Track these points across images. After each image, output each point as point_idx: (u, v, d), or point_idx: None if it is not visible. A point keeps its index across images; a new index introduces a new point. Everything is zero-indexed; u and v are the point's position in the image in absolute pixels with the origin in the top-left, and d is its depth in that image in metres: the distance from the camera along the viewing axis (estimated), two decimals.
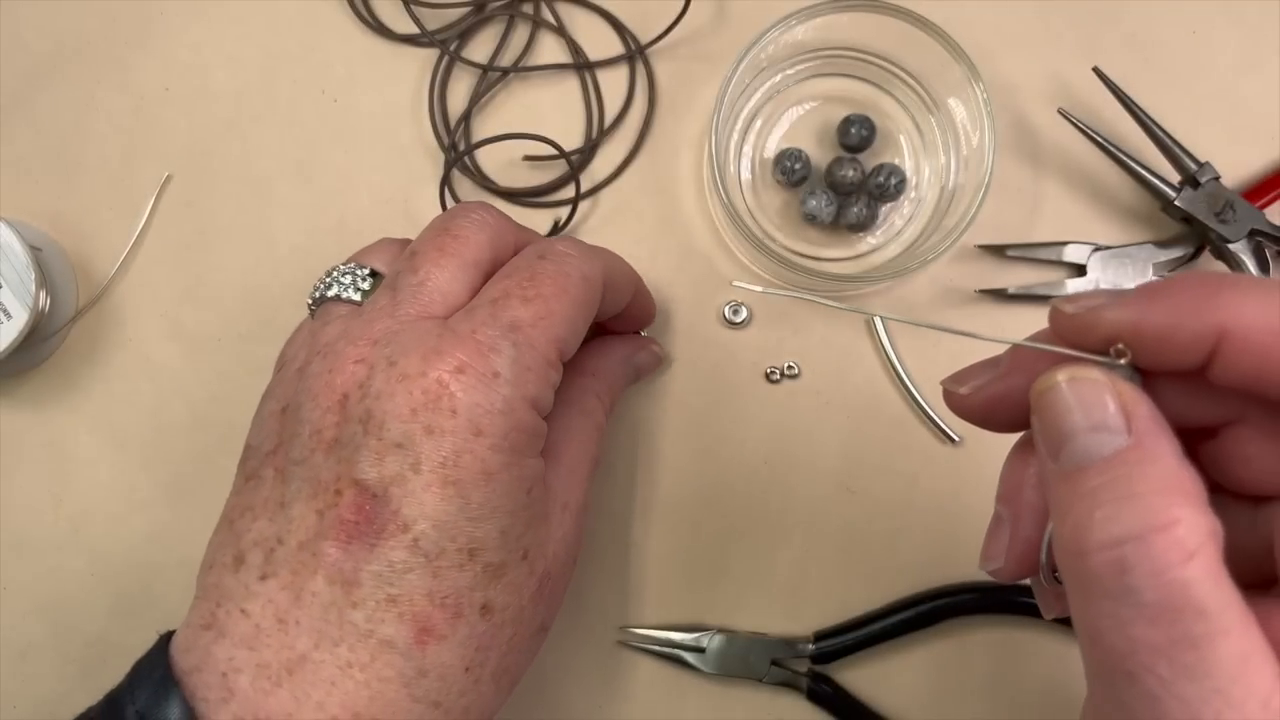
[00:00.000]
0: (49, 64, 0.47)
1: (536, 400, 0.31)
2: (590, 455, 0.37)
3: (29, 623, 0.45)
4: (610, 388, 0.40)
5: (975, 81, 0.41)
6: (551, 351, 0.32)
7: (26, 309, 0.42)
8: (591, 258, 0.35)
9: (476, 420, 0.30)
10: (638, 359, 0.42)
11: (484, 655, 0.31)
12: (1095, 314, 0.23)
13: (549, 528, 0.33)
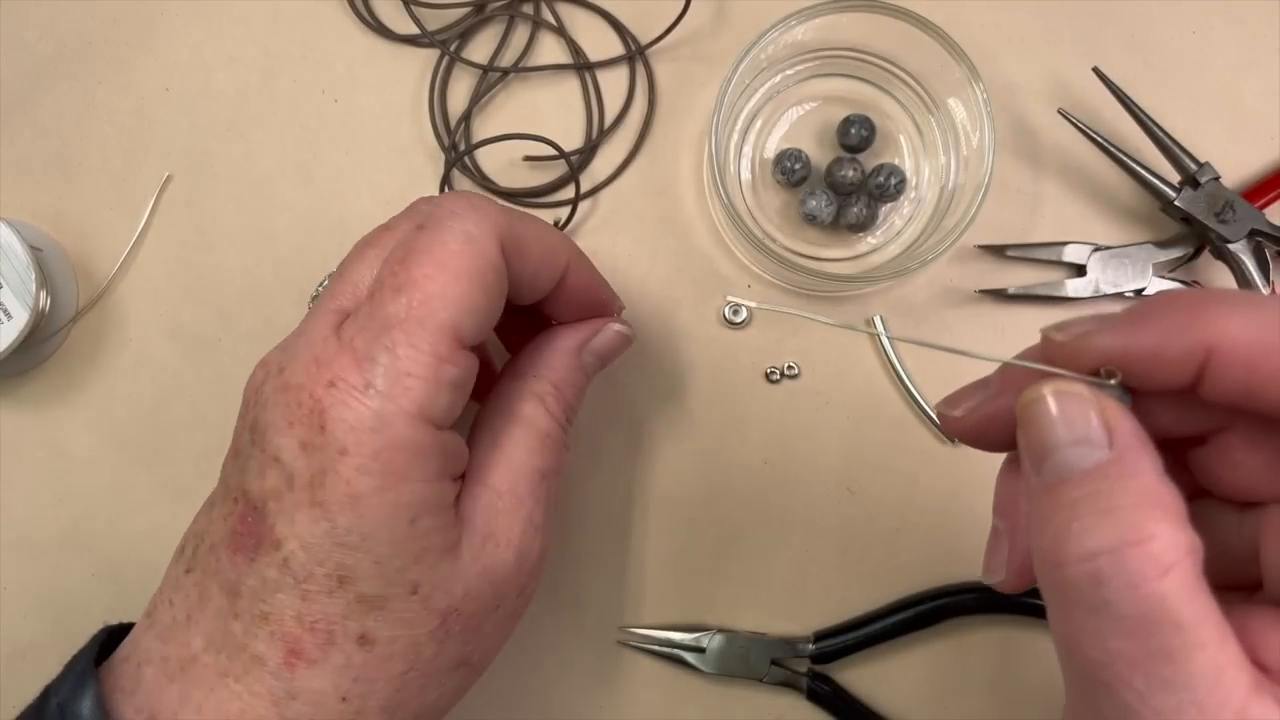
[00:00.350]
0: (50, 64, 0.47)
1: (425, 409, 0.28)
2: (535, 471, 0.32)
3: (29, 622, 0.45)
4: (558, 386, 0.34)
5: (975, 82, 0.41)
6: (441, 343, 0.28)
7: (27, 309, 0.42)
8: (479, 216, 0.30)
9: (342, 438, 0.27)
10: (594, 344, 0.36)
11: (366, 687, 0.29)
12: (1085, 340, 0.24)
13: (456, 563, 0.30)
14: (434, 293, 0.28)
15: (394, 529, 0.28)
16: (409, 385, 0.28)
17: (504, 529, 0.31)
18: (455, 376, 0.29)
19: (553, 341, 0.35)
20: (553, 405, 0.34)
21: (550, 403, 0.34)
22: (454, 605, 0.30)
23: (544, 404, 0.34)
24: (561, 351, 0.35)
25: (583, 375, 0.36)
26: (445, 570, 0.29)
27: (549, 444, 0.33)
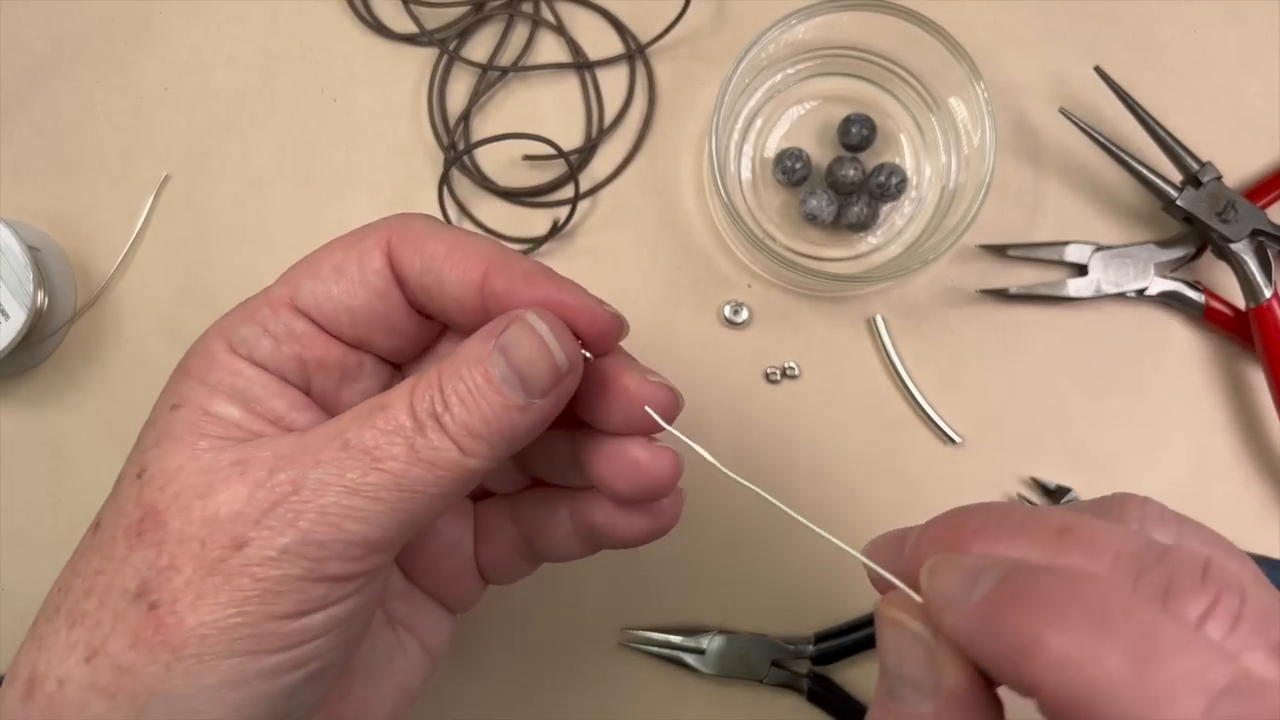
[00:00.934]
0: (48, 64, 0.47)
1: (229, 333, 0.29)
2: (340, 424, 0.26)
3: (27, 623, 0.45)
4: (445, 370, 0.26)
5: (976, 81, 0.41)
6: (274, 296, 0.29)
7: (25, 309, 0.42)
8: (382, 224, 0.30)
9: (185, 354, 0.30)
10: (502, 339, 0.26)
11: (69, 578, 0.29)
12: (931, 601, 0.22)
13: (191, 461, 0.27)
14: (307, 259, 0.30)
15: (158, 411, 0.29)
16: (235, 316, 0.29)
17: (263, 466, 0.26)
18: (266, 322, 0.29)
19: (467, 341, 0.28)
20: (419, 387, 0.26)
21: (419, 384, 0.26)
22: (158, 505, 0.27)
23: (411, 382, 0.27)
24: (471, 340, 0.27)
25: (480, 373, 0.26)
26: (172, 463, 0.27)
27: (377, 421, 0.26)
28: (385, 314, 0.29)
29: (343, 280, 0.29)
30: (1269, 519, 0.44)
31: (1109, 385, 0.45)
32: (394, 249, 0.29)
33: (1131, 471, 0.44)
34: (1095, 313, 0.45)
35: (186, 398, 0.29)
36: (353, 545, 0.25)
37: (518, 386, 0.26)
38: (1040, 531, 0.21)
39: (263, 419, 0.28)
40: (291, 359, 0.29)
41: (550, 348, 0.26)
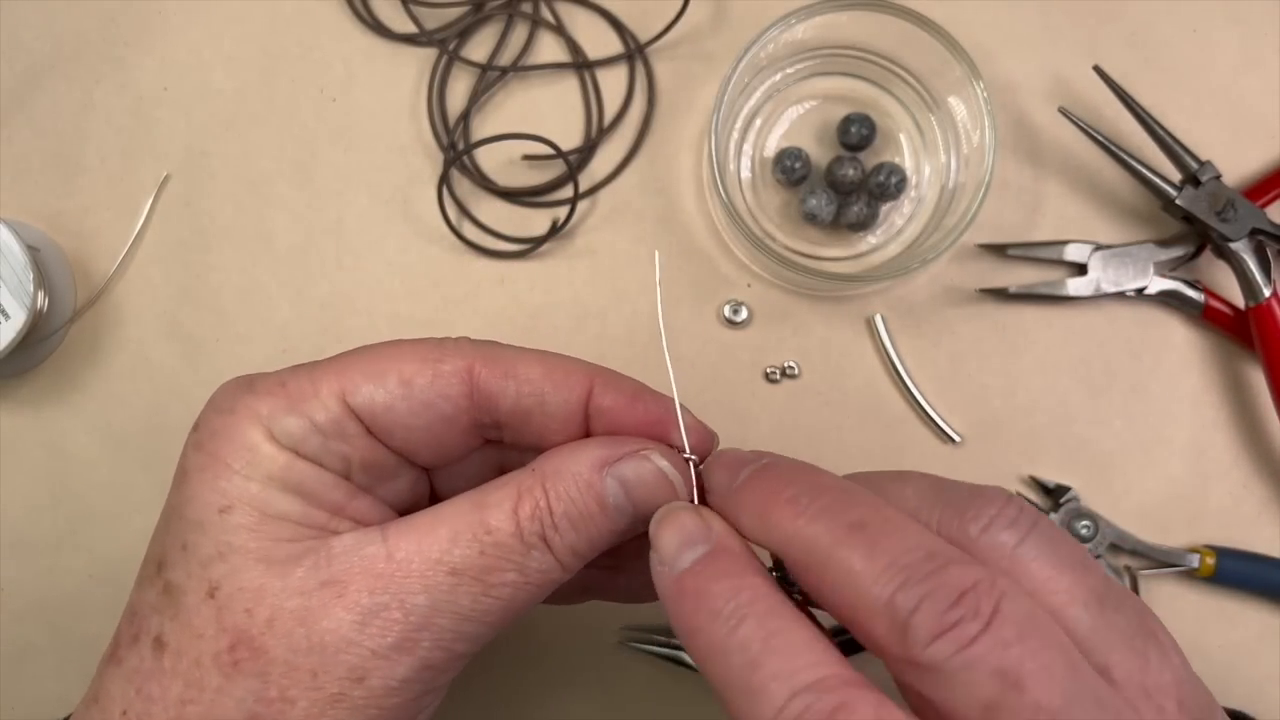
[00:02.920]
0: (48, 64, 0.47)
1: (268, 418, 0.27)
2: (438, 561, 0.26)
3: (27, 623, 0.45)
4: (547, 490, 0.27)
5: (975, 80, 0.41)
6: (323, 385, 0.27)
7: (25, 309, 0.42)
8: (467, 343, 0.29)
9: (201, 416, 0.28)
10: (620, 470, 0.28)
11: (144, 706, 0.26)
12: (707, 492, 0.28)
13: (268, 579, 0.26)
14: (364, 354, 0.28)
15: (203, 513, 0.26)
16: (274, 394, 0.27)
17: (361, 588, 0.26)
18: (315, 416, 0.27)
19: (578, 447, 0.28)
20: (524, 506, 0.27)
21: (524, 502, 0.27)
22: (250, 631, 0.25)
23: (513, 497, 0.27)
24: (578, 458, 0.28)
25: (593, 499, 0.27)
26: (251, 581, 0.26)
27: (484, 545, 0.26)
28: (442, 435, 0.29)
29: (411, 398, 0.28)
30: (1268, 518, 0.44)
31: (1108, 384, 0.45)
32: (481, 378, 0.28)
33: (1131, 470, 0.44)
34: (1095, 312, 0.45)
35: (235, 498, 0.26)
36: (461, 659, 0.27)
37: (629, 514, 0.28)
38: (839, 520, 0.23)
39: (323, 511, 0.27)
40: (338, 457, 0.28)
41: (674, 483, 0.28)
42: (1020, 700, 0.20)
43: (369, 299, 0.45)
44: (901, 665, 0.22)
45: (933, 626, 0.21)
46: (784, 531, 0.24)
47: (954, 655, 0.21)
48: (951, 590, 0.21)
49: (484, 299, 0.45)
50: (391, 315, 0.45)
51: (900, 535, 0.23)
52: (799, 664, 0.22)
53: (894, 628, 0.21)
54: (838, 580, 0.23)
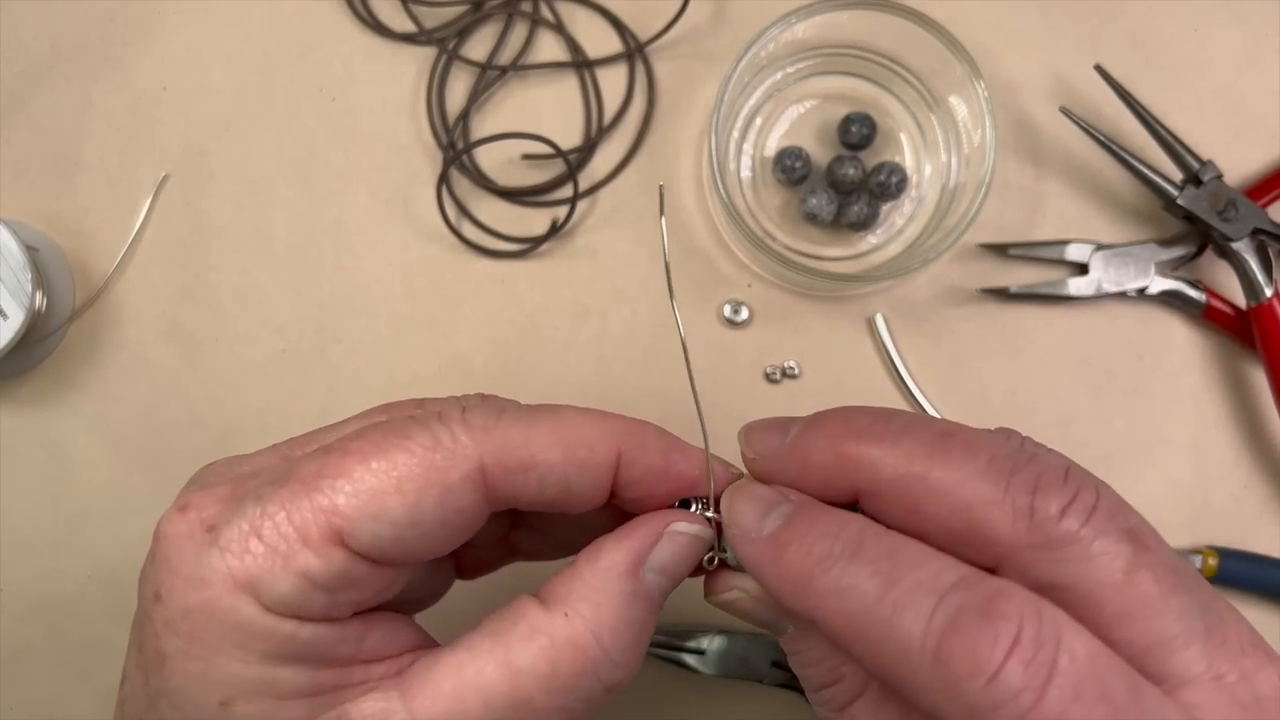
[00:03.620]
0: (46, 64, 0.47)
1: (256, 586, 0.23)
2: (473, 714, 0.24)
3: (26, 624, 0.45)
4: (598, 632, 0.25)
5: (976, 80, 0.41)
6: (312, 526, 0.23)
7: (23, 309, 0.42)
8: (467, 429, 0.24)
9: (159, 579, 0.23)
10: (656, 559, 0.26)
11: None
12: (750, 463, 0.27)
13: None
14: (351, 475, 0.23)
15: (200, 710, 0.23)
16: (251, 550, 0.23)
17: None
18: (312, 570, 0.23)
19: (596, 560, 0.26)
20: (565, 660, 0.24)
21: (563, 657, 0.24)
22: None
23: (549, 656, 0.24)
24: (606, 575, 0.25)
25: (640, 608, 0.25)
26: None
27: (525, 713, 0.24)
28: (456, 538, 0.25)
29: (420, 524, 0.24)
30: (1269, 518, 0.44)
31: (1109, 384, 0.45)
32: (495, 480, 0.24)
33: (1132, 470, 0.44)
34: (1096, 312, 0.45)
35: (237, 689, 0.23)
36: None
37: (668, 587, 0.26)
38: (924, 434, 0.23)
39: (336, 668, 0.24)
40: (347, 604, 0.24)
41: (704, 541, 0.27)
42: (1152, 558, 0.22)
43: (368, 299, 0.45)
44: (1033, 555, 0.22)
45: (1057, 503, 0.22)
46: (868, 459, 0.24)
47: (1084, 525, 0.22)
48: (1059, 470, 0.22)
49: (484, 299, 0.45)
50: (391, 315, 0.45)
51: (985, 436, 0.23)
52: (935, 569, 0.21)
53: (1020, 515, 0.22)
54: (944, 489, 0.22)
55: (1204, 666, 0.21)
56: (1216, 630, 0.22)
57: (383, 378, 0.45)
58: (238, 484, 0.24)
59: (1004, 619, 0.20)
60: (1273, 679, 0.22)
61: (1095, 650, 0.20)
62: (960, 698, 0.20)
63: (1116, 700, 0.20)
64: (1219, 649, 0.22)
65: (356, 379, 0.45)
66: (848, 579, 0.22)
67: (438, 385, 0.45)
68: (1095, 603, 0.21)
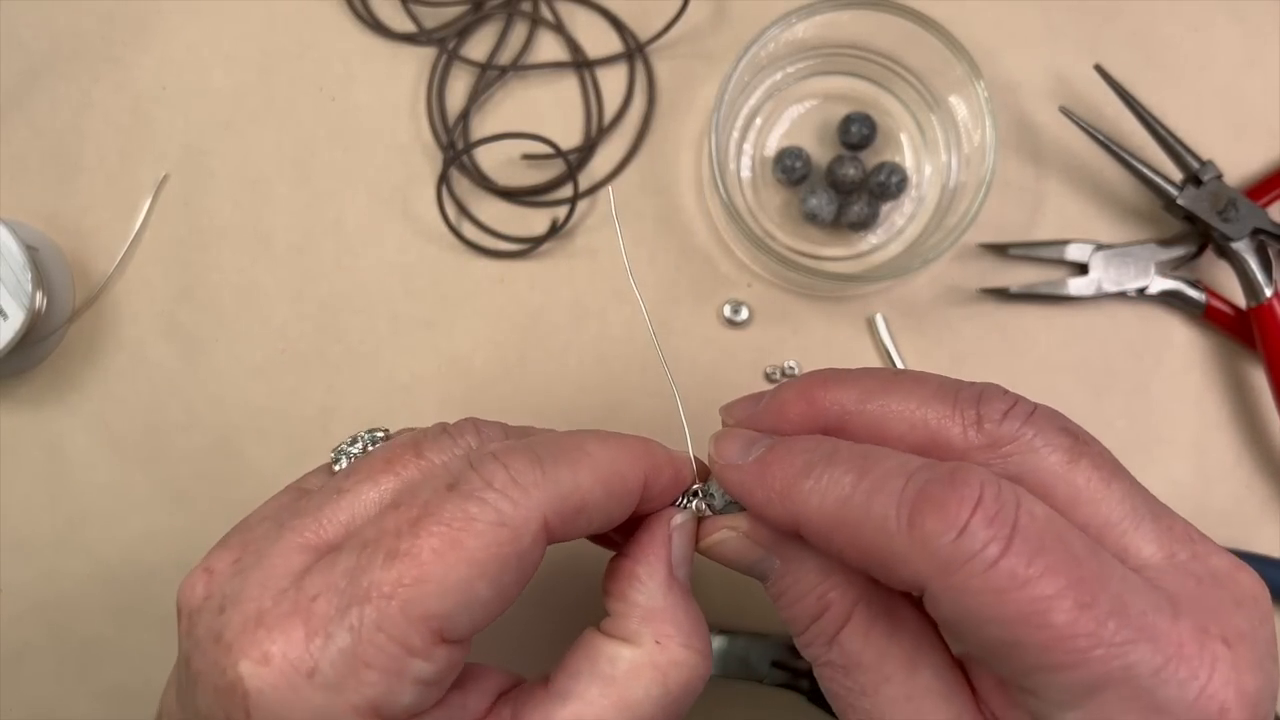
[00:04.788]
0: (46, 63, 0.46)
1: (380, 706, 0.23)
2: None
3: (26, 624, 0.45)
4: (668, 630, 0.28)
5: (976, 79, 0.41)
6: (418, 636, 0.23)
7: (23, 309, 0.42)
8: (522, 494, 0.24)
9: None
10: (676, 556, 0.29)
11: None
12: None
13: None
14: (433, 576, 0.23)
15: None
16: (364, 679, 0.23)
17: None
18: (426, 674, 0.24)
19: (645, 585, 0.28)
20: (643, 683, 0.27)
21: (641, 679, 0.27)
22: None
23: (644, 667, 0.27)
24: (661, 594, 0.28)
25: (691, 601, 0.29)
26: None
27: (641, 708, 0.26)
28: (522, 589, 0.26)
29: (503, 591, 0.24)
30: (1269, 518, 0.44)
31: (1110, 384, 0.45)
32: (554, 528, 0.25)
33: (1132, 470, 0.44)
34: (1096, 312, 0.45)
35: None
36: None
37: (691, 571, 0.30)
38: (880, 374, 0.27)
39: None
40: (451, 681, 0.25)
41: (695, 519, 0.30)
42: (1091, 449, 0.25)
43: (368, 299, 0.45)
44: (984, 454, 0.25)
45: (1000, 407, 0.25)
46: (834, 398, 0.27)
47: (1025, 423, 0.25)
48: (996, 389, 0.26)
49: (483, 299, 0.45)
50: (390, 315, 0.45)
51: (931, 374, 0.27)
52: (902, 459, 0.24)
53: (969, 423, 0.25)
54: (901, 412, 0.26)
55: (1156, 547, 0.24)
56: (1163, 516, 0.25)
57: (383, 378, 0.45)
58: (296, 610, 0.23)
59: (966, 484, 0.22)
60: (1224, 559, 0.24)
61: (1053, 513, 0.23)
62: (934, 556, 0.22)
63: (1078, 553, 0.22)
64: (1167, 532, 0.24)
65: (356, 379, 0.45)
66: (827, 478, 0.24)
67: (437, 385, 0.45)
68: (1045, 491, 0.24)
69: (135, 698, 0.45)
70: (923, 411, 0.26)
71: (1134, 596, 0.22)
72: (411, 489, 0.25)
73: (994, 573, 0.21)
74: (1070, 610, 0.21)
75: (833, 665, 0.26)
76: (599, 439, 0.27)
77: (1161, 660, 0.21)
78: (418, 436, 0.28)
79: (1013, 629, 0.21)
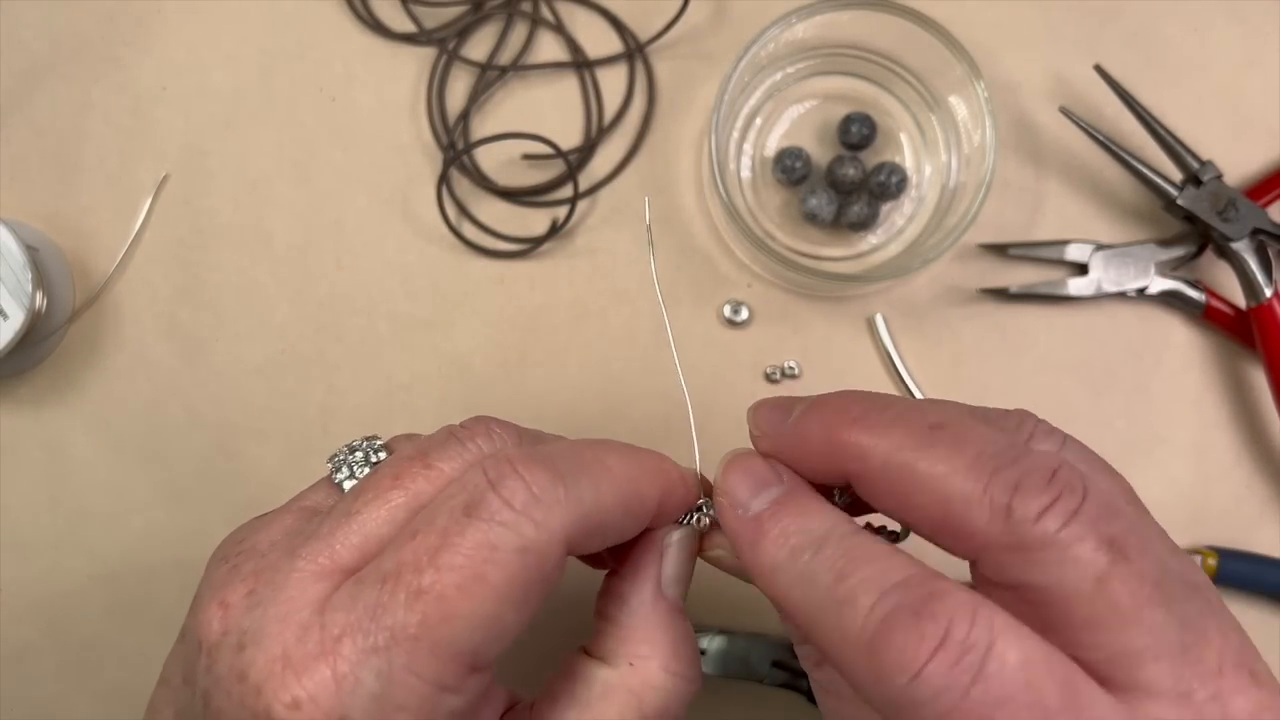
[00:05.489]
0: (46, 63, 0.47)
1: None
2: None
3: (26, 624, 0.45)
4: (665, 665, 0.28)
5: (976, 80, 0.41)
6: (450, 672, 0.23)
7: (23, 309, 0.42)
8: (546, 514, 0.24)
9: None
10: (667, 574, 0.29)
11: None
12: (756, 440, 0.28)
13: None
14: (460, 613, 0.23)
15: None
16: (407, 702, 0.23)
17: None
18: (458, 706, 0.23)
19: (627, 602, 0.28)
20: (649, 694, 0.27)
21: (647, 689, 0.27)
22: None
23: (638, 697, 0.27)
24: (643, 612, 0.28)
25: (679, 620, 0.28)
26: None
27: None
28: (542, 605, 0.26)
29: (528, 613, 0.24)
30: (1269, 518, 0.44)
31: (1110, 384, 0.45)
32: (574, 546, 0.25)
33: (1132, 470, 0.44)
34: (1096, 312, 0.45)
35: None
36: None
37: (685, 590, 0.29)
38: (915, 425, 0.24)
39: None
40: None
41: (694, 536, 0.29)
42: (1129, 569, 0.21)
43: (368, 299, 0.45)
44: (1006, 554, 0.22)
45: (1036, 504, 0.21)
46: (859, 447, 0.24)
47: (1062, 529, 0.21)
48: (1045, 471, 0.22)
49: (483, 299, 0.45)
50: (390, 315, 0.45)
51: (978, 429, 0.23)
52: (883, 568, 0.22)
53: (996, 513, 0.22)
54: (926, 481, 0.23)
55: (1172, 682, 0.21)
56: (1194, 647, 0.22)
57: (382, 378, 0.45)
58: (322, 652, 0.23)
59: (932, 619, 0.20)
60: (1248, 702, 0.21)
61: (1032, 656, 0.20)
62: (888, 693, 0.21)
63: (1048, 705, 0.20)
64: (1193, 666, 0.21)
65: (356, 379, 0.45)
66: (809, 570, 0.23)
67: (437, 385, 0.45)
68: (1065, 607, 0.21)
69: (135, 698, 0.45)
70: (949, 487, 0.23)
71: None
72: (427, 512, 0.24)
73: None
74: None
75: (819, 684, 0.26)
76: (619, 454, 0.27)
77: None
78: (424, 445, 0.27)
79: None
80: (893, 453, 0.24)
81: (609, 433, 0.44)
